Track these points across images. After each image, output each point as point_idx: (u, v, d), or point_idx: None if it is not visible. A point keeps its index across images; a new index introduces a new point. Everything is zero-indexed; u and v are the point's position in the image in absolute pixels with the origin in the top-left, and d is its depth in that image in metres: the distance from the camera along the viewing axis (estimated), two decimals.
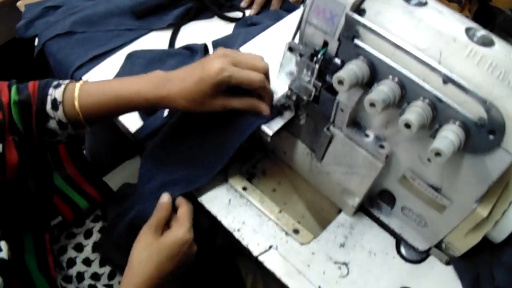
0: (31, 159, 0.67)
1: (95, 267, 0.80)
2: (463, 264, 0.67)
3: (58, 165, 0.83)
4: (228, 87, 0.66)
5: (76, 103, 0.67)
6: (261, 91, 0.68)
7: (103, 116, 0.70)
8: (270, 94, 0.69)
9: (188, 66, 0.68)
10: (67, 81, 0.69)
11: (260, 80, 0.66)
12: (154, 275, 0.64)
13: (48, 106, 0.67)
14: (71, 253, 0.80)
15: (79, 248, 0.81)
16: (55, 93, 0.67)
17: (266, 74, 0.68)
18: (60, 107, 0.66)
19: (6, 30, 1.20)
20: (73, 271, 0.78)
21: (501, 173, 0.52)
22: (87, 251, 0.81)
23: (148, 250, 0.66)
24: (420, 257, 0.70)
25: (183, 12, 1.02)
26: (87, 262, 0.80)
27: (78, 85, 0.68)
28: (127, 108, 0.69)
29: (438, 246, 0.68)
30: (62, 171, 0.84)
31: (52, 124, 0.68)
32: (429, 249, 0.69)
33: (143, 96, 0.66)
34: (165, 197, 0.70)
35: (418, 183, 0.62)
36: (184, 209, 0.70)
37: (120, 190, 0.92)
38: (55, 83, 0.68)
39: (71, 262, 0.79)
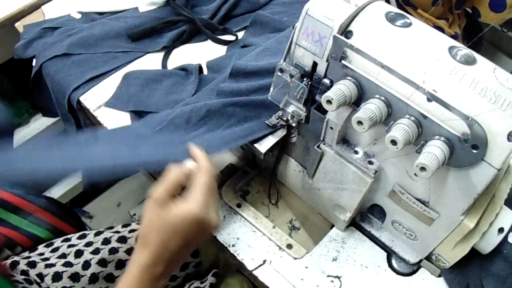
0: None
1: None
2: (454, 275, 0.69)
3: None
4: None
5: None
6: None
7: None
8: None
9: None
10: None
11: None
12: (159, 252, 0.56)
13: None
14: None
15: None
16: None
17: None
18: None
19: (4, 50, 1.20)
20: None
21: (486, 186, 0.54)
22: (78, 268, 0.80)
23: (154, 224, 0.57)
24: (411, 269, 0.71)
25: (177, 35, 1.04)
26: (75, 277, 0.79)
27: None
28: None
29: (429, 258, 0.70)
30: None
31: None
32: (420, 261, 0.71)
33: None
34: (194, 152, 0.60)
35: (406, 197, 0.64)
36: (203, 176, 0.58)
37: None
38: None
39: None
